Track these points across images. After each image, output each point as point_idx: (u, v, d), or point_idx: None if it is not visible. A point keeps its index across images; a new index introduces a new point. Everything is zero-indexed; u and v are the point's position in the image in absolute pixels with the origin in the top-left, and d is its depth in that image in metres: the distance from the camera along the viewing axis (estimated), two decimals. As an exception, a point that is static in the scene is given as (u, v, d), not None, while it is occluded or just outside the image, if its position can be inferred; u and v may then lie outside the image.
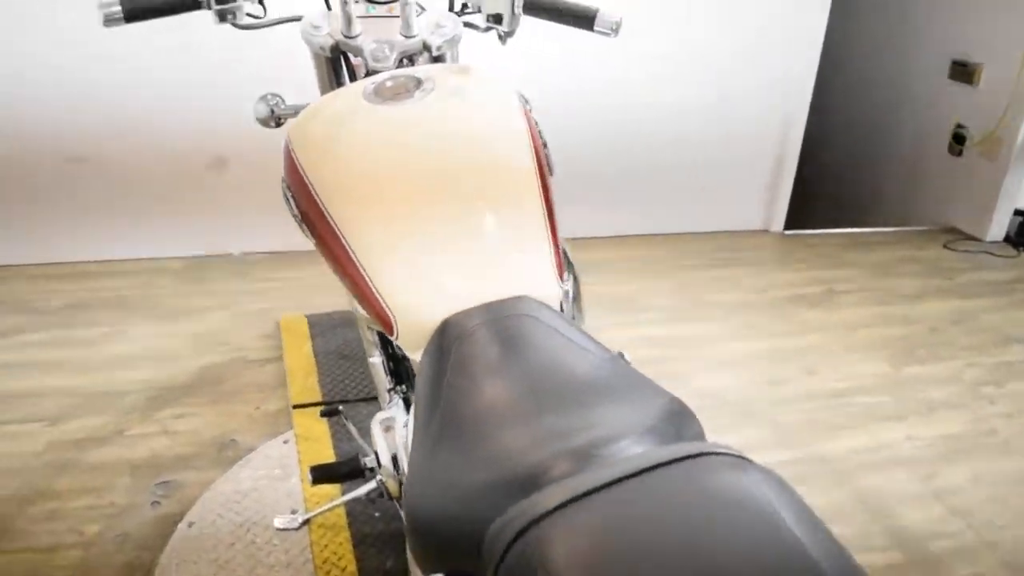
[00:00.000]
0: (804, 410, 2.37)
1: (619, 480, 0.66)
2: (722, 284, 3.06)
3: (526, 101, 1.36)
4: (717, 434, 2.20)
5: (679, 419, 0.84)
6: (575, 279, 1.50)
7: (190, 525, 1.71)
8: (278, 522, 1.66)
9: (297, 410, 2.09)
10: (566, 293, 1.42)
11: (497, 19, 1.20)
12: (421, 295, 1.00)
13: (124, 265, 2.87)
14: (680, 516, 0.62)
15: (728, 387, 2.44)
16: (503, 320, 0.96)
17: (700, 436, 0.87)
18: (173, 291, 2.74)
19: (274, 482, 1.83)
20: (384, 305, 1.01)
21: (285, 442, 1.97)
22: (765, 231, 3.58)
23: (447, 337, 0.95)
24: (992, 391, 2.54)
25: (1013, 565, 1.89)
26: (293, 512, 1.74)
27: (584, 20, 1.16)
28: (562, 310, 1.40)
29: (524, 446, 0.77)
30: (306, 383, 2.21)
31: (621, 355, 1.40)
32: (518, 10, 1.18)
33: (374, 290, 1.01)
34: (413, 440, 0.91)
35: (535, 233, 1.06)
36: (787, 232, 3.59)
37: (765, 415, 2.32)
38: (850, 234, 3.69)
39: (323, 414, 1.59)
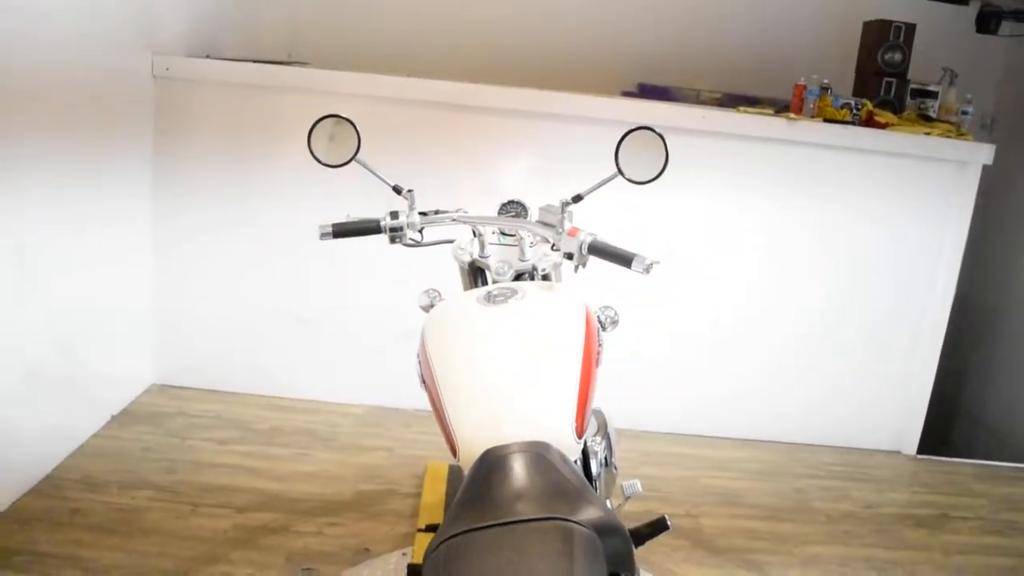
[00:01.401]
0: (874, 615, 2.53)
1: (490, 526, 1.15)
2: (832, 494, 3.26)
3: (614, 312, 1.84)
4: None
5: (601, 522, 1.24)
6: (609, 443, 1.92)
7: (315, 604, 2.21)
8: (381, 612, 2.13)
9: (419, 533, 2.57)
10: (590, 448, 1.84)
11: (570, 256, 1.74)
12: (475, 432, 1.47)
13: (319, 404, 3.55)
14: (507, 543, 1.09)
15: (804, 582, 2.65)
16: (521, 454, 1.41)
17: (621, 548, 1.26)
18: (352, 430, 3.37)
19: (386, 581, 2.30)
20: (454, 437, 1.50)
21: (403, 554, 2.46)
22: (896, 452, 3.72)
23: (484, 461, 1.42)
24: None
25: None
26: (394, 605, 2.21)
27: (625, 261, 1.66)
28: (585, 458, 1.83)
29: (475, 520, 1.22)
30: (433, 514, 2.70)
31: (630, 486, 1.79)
32: (584, 251, 1.71)
33: (450, 427, 1.51)
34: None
35: (564, 404, 1.51)
36: (920, 456, 3.71)
37: (833, 612, 2.52)
38: (990, 466, 3.74)
39: (427, 529, 2.07)
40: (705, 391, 3.64)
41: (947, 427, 4.55)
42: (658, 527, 1.66)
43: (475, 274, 1.96)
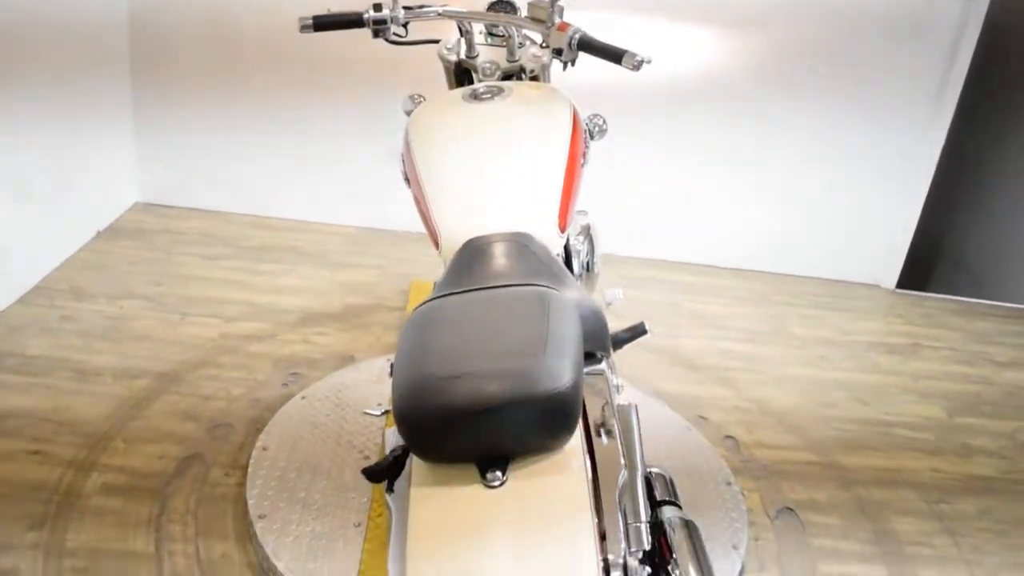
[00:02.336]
0: (841, 429, 2.63)
1: (469, 291, 1.16)
2: (809, 321, 3.33)
3: (602, 120, 1.81)
4: (751, 433, 2.53)
5: (580, 301, 1.26)
6: (592, 248, 1.93)
7: (303, 398, 2.29)
8: (366, 409, 2.20)
9: (404, 342, 2.63)
10: (573, 247, 1.86)
11: (559, 52, 1.68)
12: (457, 222, 1.47)
13: (307, 224, 3.56)
14: (485, 302, 1.09)
15: (777, 399, 2.74)
16: (503, 243, 1.42)
17: (598, 329, 1.29)
18: (340, 249, 3.39)
19: (371, 385, 2.37)
20: (436, 228, 1.50)
21: (388, 360, 2.51)
22: (876, 285, 3.78)
23: (465, 249, 1.42)
24: (1045, 453, 2.69)
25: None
26: (379, 405, 2.28)
27: (615, 56, 1.61)
28: (568, 258, 1.85)
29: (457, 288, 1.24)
30: (418, 326, 2.76)
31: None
32: (574, 46, 1.66)
33: (433, 219, 1.50)
34: None
35: (547, 197, 1.51)
36: (899, 290, 3.77)
37: (802, 427, 2.61)
38: (966, 302, 3.81)
39: None
40: (692, 220, 3.65)
41: (929, 268, 4.60)
42: (636, 332, 1.69)
43: (461, 76, 1.91)
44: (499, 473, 0.95)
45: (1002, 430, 2.78)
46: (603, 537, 0.97)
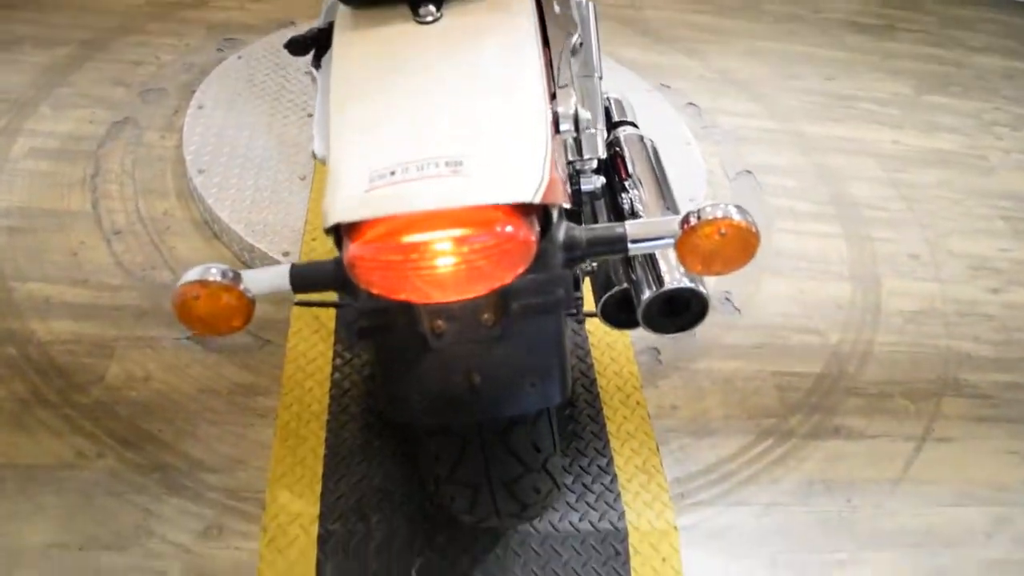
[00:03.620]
0: (804, 100, 2.55)
1: None
2: (781, -3, 3.15)
3: None
4: (713, 101, 2.44)
5: None
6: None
7: (240, 58, 2.13)
8: (311, 67, 2.05)
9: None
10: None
11: None
12: None
13: None
14: None
15: (741, 69, 2.63)
16: None
17: None
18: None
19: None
20: None
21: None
22: (854, -33, 3.56)
23: None
24: (1005, 131, 2.65)
25: (934, 243, 2.13)
26: (322, 65, 2.13)
27: None
28: None
29: None
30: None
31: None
32: None
33: None
34: None
35: None
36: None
37: (764, 95, 2.53)
38: (947, -11, 3.62)
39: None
40: None
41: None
42: None
43: None
44: (432, 8, 0.84)
45: (967, 110, 2.72)
46: (553, 96, 0.88)
